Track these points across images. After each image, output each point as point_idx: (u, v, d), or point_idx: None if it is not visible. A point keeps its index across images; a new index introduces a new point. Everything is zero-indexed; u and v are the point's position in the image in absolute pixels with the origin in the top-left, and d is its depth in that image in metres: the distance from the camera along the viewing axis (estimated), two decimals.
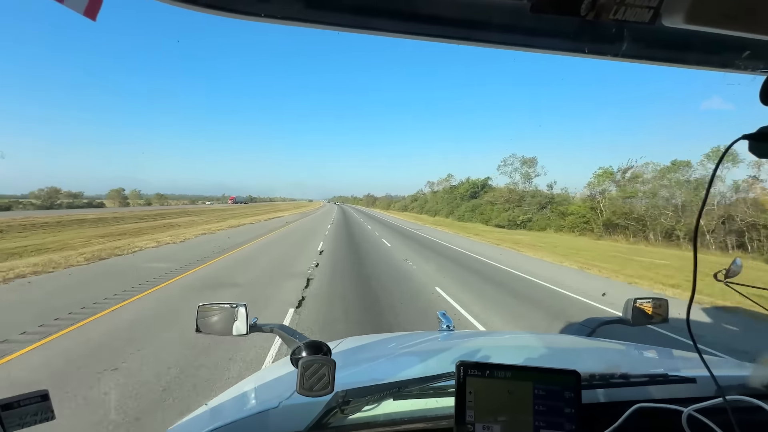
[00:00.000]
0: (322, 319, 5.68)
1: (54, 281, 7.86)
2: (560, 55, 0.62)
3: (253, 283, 8.08)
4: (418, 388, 0.94)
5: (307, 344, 0.86)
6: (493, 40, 0.59)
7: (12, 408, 0.58)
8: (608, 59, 0.61)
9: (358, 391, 0.94)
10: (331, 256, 12.14)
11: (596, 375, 0.96)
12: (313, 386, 0.78)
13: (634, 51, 0.59)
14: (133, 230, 21.70)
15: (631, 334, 2.24)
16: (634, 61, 0.62)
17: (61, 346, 4.36)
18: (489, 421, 0.74)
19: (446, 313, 2.14)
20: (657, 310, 1.61)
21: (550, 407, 0.73)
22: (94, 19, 0.49)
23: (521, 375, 0.75)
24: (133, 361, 3.94)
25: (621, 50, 0.59)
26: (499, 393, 0.74)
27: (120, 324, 5.18)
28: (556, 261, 13.88)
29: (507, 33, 0.58)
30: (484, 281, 9.40)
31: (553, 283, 9.41)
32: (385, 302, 6.74)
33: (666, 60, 0.62)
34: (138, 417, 2.93)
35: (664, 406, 0.84)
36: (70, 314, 5.52)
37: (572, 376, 0.74)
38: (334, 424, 0.88)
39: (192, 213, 45.85)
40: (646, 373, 1.01)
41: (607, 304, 7.47)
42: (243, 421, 0.98)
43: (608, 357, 1.51)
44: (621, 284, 9.92)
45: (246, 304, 1.38)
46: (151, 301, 6.41)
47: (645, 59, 0.62)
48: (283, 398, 1.05)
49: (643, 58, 0.61)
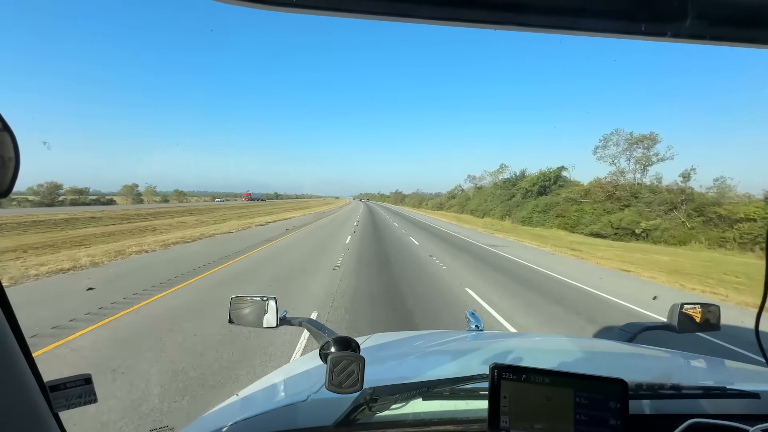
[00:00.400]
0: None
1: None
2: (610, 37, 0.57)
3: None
4: (449, 389, 0.91)
5: (336, 340, 0.85)
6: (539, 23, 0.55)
7: (59, 390, 0.62)
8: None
9: (386, 388, 0.92)
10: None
11: (643, 384, 0.89)
12: (342, 383, 0.77)
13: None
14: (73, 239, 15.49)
15: (678, 343, 2.08)
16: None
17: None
18: (524, 428, 0.70)
19: (475, 312, 2.09)
20: (707, 316, 1.48)
21: (593, 417, 0.68)
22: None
23: (561, 381, 0.70)
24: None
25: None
26: (536, 399, 0.70)
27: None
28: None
29: (553, 15, 0.54)
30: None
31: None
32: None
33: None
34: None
35: (724, 423, 0.76)
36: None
37: (618, 385, 0.68)
38: (362, 421, 0.87)
39: (195, 211, 41.40)
40: (701, 385, 0.93)
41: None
42: (272, 412, 0.99)
43: (655, 365, 1.41)
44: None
45: (276, 298, 1.40)
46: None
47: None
48: (311, 392, 1.05)
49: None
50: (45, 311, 5.49)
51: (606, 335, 1.83)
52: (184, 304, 5.97)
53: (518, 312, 6.37)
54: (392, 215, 43.07)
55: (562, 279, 9.59)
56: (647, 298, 7.90)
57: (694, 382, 0.97)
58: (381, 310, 5.94)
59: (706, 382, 1.00)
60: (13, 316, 0.53)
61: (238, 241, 14.75)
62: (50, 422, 0.57)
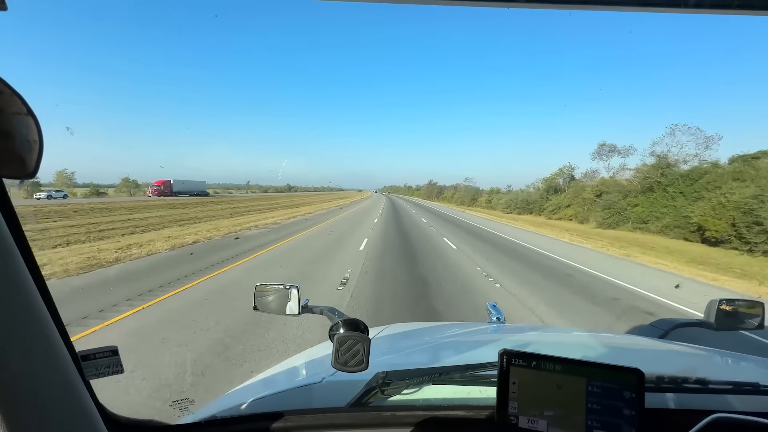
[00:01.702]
0: None
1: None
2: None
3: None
4: (459, 375, 0.91)
5: (344, 321, 0.87)
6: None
7: (89, 359, 0.67)
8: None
9: (398, 373, 0.94)
10: None
11: (665, 377, 0.85)
12: (348, 361, 0.79)
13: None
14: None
15: (718, 342, 1.92)
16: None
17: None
18: (534, 415, 0.68)
19: (497, 304, 2.05)
20: (749, 313, 1.38)
21: (605, 407, 0.65)
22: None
23: (573, 369, 0.68)
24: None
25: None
26: (546, 386, 0.69)
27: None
28: None
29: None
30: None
31: None
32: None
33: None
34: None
35: (751, 419, 0.71)
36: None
37: (633, 375, 0.65)
38: (374, 404, 0.89)
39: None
40: (730, 380, 0.88)
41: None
42: (289, 392, 1.03)
43: (682, 360, 1.34)
44: None
45: (298, 286, 1.43)
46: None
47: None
48: (327, 374, 1.09)
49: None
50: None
51: (636, 332, 1.74)
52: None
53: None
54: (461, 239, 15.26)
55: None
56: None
57: (725, 378, 0.91)
58: None
59: (738, 378, 0.94)
60: (47, 289, 0.58)
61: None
62: (82, 389, 0.62)
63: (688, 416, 0.74)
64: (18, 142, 0.45)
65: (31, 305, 0.53)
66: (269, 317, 4.75)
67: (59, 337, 0.59)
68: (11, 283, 0.50)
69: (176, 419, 0.92)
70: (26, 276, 0.53)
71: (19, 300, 0.51)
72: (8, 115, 0.44)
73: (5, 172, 0.47)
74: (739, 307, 1.39)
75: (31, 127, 0.45)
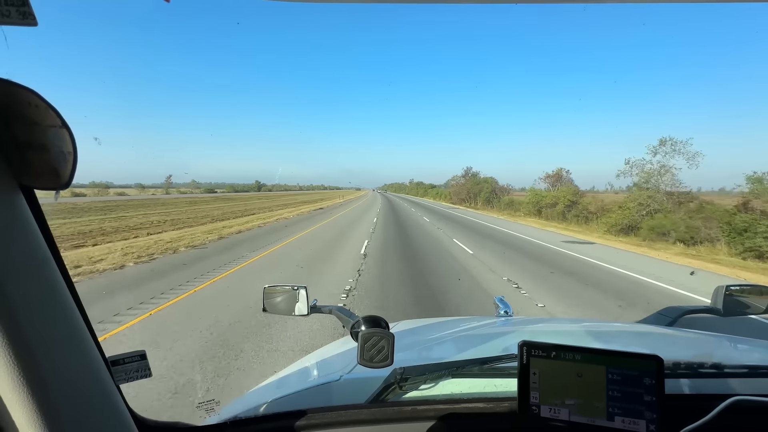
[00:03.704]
0: None
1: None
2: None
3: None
4: (478, 368, 0.92)
5: (366, 318, 0.89)
6: None
7: (118, 364, 0.68)
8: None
9: (416, 368, 0.95)
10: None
11: (681, 363, 0.86)
12: (373, 357, 0.81)
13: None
14: None
15: (726, 328, 1.89)
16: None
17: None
18: (555, 404, 0.70)
19: (504, 298, 2.07)
20: (756, 298, 1.40)
21: (626, 393, 0.67)
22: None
23: (593, 358, 0.69)
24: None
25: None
26: (566, 375, 0.70)
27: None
28: None
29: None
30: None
31: None
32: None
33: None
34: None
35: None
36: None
37: (653, 361, 0.67)
38: (393, 399, 0.91)
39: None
40: (746, 364, 0.89)
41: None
42: (307, 391, 1.05)
43: (696, 346, 1.35)
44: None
45: (306, 287, 1.44)
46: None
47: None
48: (344, 372, 1.10)
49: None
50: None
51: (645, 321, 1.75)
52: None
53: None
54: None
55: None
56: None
57: (740, 362, 0.93)
58: None
59: (753, 363, 0.95)
60: (78, 297, 0.59)
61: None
62: (115, 393, 0.64)
63: (706, 401, 0.75)
64: (53, 155, 0.46)
65: (67, 314, 0.55)
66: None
67: (94, 344, 0.60)
68: (49, 295, 0.52)
69: (202, 420, 0.94)
70: (62, 285, 0.54)
71: (57, 309, 0.53)
72: (44, 128, 0.45)
73: (40, 183, 0.48)
74: (745, 292, 1.41)
75: (66, 139, 0.47)
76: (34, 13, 0.45)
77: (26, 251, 0.50)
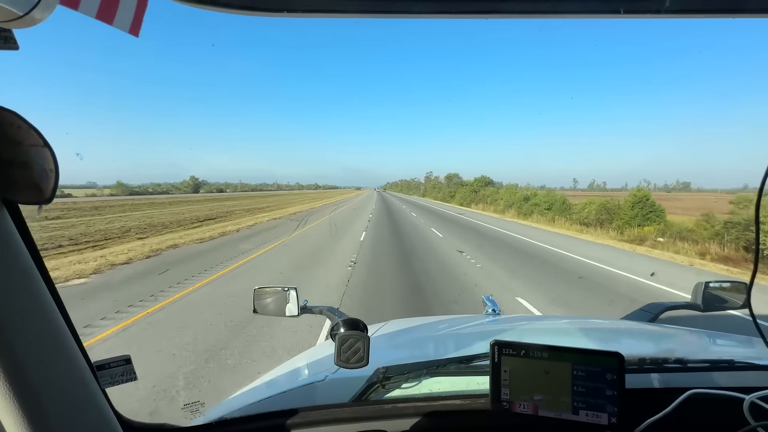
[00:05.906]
0: None
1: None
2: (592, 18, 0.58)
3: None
4: (455, 366, 0.96)
5: (344, 321, 0.92)
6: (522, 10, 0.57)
7: (104, 368, 0.70)
8: (649, 17, 0.55)
9: (397, 368, 0.98)
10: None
11: (647, 359, 0.90)
12: (349, 359, 0.84)
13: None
14: None
15: (708, 323, 1.97)
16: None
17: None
18: (525, 400, 0.74)
19: (492, 296, 2.11)
20: (733, 293, 1.45)
21: (590, 389, 0.71)
22: (137, 35, 0.54)
23: (559, 356, 0.73)
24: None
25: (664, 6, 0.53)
26: (535, 372, 0.74)
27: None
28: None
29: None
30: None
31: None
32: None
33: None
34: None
35: (722, 393, 0.77)
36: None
37: (614, 358, 0.71)
38: (375, 398, 0.94)
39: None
40: (708, 359, 0.94)
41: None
42: (292, 391, 1.07)
43: (664, 341, 1.40)
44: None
45: (296, 288, 1.45)
46: None
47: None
48: (329, 372, 1.13)
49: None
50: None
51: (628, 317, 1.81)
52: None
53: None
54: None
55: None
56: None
57: (704, 357, 0.97)
58: None
59: (717, 356, 1.00)
60: (61, 302, 0.61)
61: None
62: (101, 396, 0.66)
63: (668, 394, 0.79)
64: (35, 172, 0.49)
65: (53, 324, 0.57)
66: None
67: (78, 350, 0.62)
68: (35, 303, 0.54)
69: (188, 422, 0.96)
70: (46, 295, 0.56)
71: (43, 320, 0.55)
72: (26, 148, 0.48)
73: (23, 198, 0.51)
74: (724, 288, 1.46)
75: (47, 158, 0.49)
76: (15, 38, 0.47)
77: (10, 262, 0.52)
